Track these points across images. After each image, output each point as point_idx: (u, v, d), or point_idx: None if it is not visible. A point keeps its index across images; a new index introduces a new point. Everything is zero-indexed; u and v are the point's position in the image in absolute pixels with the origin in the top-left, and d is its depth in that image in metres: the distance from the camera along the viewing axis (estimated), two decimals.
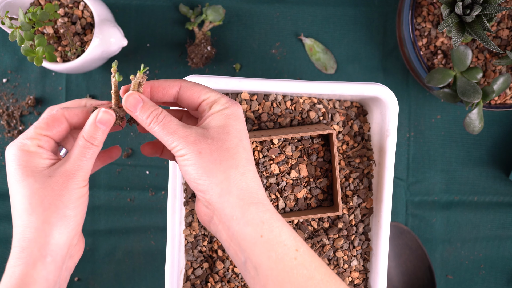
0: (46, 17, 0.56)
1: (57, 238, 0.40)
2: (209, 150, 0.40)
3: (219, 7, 0.67)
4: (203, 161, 0.40)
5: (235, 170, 0.40)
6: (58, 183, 0.40)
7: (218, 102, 0.42)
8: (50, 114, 0.42)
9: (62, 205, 0.40)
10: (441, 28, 0.57)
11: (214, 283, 0.60)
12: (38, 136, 0.41)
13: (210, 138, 0.40)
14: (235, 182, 0.40)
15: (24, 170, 0.40)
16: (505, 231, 0.72)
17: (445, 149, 0.71)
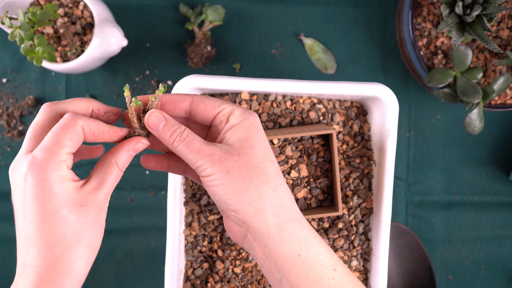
0: (46, 17, 0.56)
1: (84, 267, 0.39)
2: (237, 168, 0.38)
3: (219, 7, 0.67)
4: (232, 180, 0.38)
5: (267, 186, 0.39)
6: (91, 214, 0.38)
7: (234, 113, 0.41)
8: (71, 127, 0.37)
9: (94, 237, 0.39)
10: (441, 28, 0.57)
11: (214, 283, 0.60)
12: (66, 158, 0.37)
13: (236, 155, 0.39)
14: (269, 199, 0.39)
15: (57, 201, 0.37)
16: (505, 231, 0.72)
17: (445, 149, 0.71)
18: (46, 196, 0.36)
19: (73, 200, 0.37)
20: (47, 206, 0.36)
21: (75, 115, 0.38)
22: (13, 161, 0.39)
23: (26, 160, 0.37)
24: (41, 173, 0.36)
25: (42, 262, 0.37)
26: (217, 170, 0.38)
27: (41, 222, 0.37)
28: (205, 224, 0.59)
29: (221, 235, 0.59)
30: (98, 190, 0.39)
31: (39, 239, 0.37)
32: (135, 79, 0.69)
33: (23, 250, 0.38)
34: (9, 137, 0.69)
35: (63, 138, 0.37)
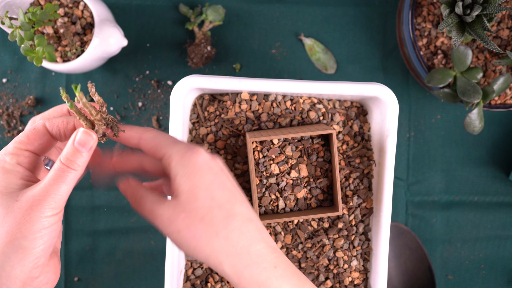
0: (46, 17, 0.56)
1: (7, 271, 0.35)
2: (186, 226, 0.38)
3: (219, 7, 0.67)
4: (185, 240, 0.38)
5: (217, 239, 0.38)
6: (21, 209, 0.35)
7: (172, 160, 0.38)
8: (31, 126, 0.39)
9: (19, 235, 0.35)
10: (441, 28, 0.57)
11: (214, 283, 0.60)
12: (17, 151, 0.38)
13: (182, 212, 0.38)
14: (222, 250, 0.38)
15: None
16: (505, 231, 0.72)
17: (445, 149, 0.71)
18: None
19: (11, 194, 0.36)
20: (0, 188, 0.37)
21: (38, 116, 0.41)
22: None
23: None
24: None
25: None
26: (169, 231, 0.38)
27: None
28: None
29: None
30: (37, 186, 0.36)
31: None
32: (135, 79, 0.69)
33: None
34: (9, 137, 0.69)
35: (20, 135, 0.39)
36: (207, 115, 0.59)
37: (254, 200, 0.56)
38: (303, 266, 0.60)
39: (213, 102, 0.59)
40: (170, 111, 0.57)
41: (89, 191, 0.70)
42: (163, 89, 0.69)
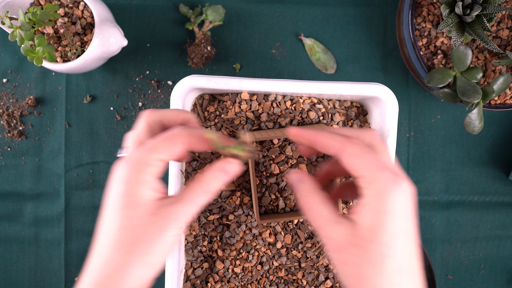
0: (46, 17, 0.56)
1: (134, 281, 0.36)
2: (355, 264, 0.35)
3: (219, 7, 0.67)
4: (347, 274, 0.36)
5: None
6: (158, 225, 0.35)
7: (371, 186, 0.35)
8: (174, 132, 0.37)
9: (153, 250, 0.36)
10: (441, 28, 0.57)
11: (214, 283, 0.60)
12: (155, 163, 0.36)
13: (356, 246, 0.35)
14: None
15: (128, 199, 0.35)
16: (505, 231, 0.72)
17: (445, 149, 0.71)
18: (120, 193, 0.36)
19: (145, 206, 0.36)
20: (117, 202, 0.36)
21: (183, 129, 0.38)
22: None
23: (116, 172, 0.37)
24: (127, 170, 0.36)
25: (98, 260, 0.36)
26: (333, 256, 0.36)
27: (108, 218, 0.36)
28: (205, 224, 0.59)
29: (221, 235, 0.59)
30: (175, 204, 0.36)
31: (103, 234, 0.36)
32: (135, 79, 0.69)
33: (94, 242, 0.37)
34: (9, 137, 0.69)
35: (161, 144, 0.37)
36: (207, 115, 0.59)
37: (254, 200, 0.56)
38: (303, 266, 0.60)
39: (213, 102, 0.59)
40: None
41: (89, 191, 0.70)
42: (163, 89, 0.69)
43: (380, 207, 0.35)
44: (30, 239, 0.70)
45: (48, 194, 0.70)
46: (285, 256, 0.60)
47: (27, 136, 0.70)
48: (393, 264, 0.35)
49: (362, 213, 0.35)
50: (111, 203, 0.36)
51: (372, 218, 0.35)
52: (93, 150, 0.70)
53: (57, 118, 0.69)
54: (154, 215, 0.35)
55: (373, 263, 0.35)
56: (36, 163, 0.70)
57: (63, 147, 0.69)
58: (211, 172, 0.38)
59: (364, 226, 0.35)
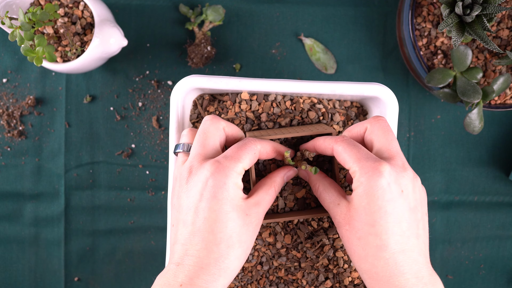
0: (46, 17, 0.56)
1: (235, 266, 0.42)
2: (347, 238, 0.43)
3: (219, 7, 0.67)
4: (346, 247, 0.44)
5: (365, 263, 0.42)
6: (253, 224, 0.43)
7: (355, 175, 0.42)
8: (254, 149, 0.45)
9: (250, 245, 0.43)
10: (441, 28, 0.57)
11: None
12: (241, 171, 0.43)
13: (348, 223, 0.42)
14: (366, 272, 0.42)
15: (231, 202, 0.42)
16: (505, 231, 0.72)
17: (445, 149, 0.71)
18: (224, 197, 0.41)
19: (241, 207, 0.42)
20: (223, 206, 0.41)
21: (256, 140, 0.46)
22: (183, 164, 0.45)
23: (210, 164, 0.42)
24: (224, 177, 0.42)
25: (207, 255, 0.41)
26: (338, 231, 0.45)
27: (214, 220, 0.41)
28: None
29: None
30: (259, 205, 0.44)
31: (209, 234, 0.41)
32: (135, 79, 0.69)
33: (187, 242, 0.41)
34: (9, 137, 0.69)
35: (246, 155, 0.44)
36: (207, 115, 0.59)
37: None
38: (303, 266, 0.60)
39: (213, 102, 0.59)
40: (170, 111, 0.57)
41: (89, 191, 0.70)
42: (163, 89, 0.70)
43: (363, 191, 0.41)
44: (30, 239, 0.70)
45: (48, 194, 0.70)
46: (285, 256, 0.60)
47: (27, 136, 0.70)
48: (374, 241, 0.40)
49: (353, 196, 0.42)
50: (216, 205, 0.41)
51: (358, 200, 0.41)
52: (93, 150, 0.70)
53: (57, 118, 0.69)
54: (248, 215, 0.43)
55: (360, 239, 0.41)
56: (36, 163, 0.70)
57: (63, 147, 0.69)
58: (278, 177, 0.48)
59: (353, 207, 0.42)
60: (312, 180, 0.48)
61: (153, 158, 0.70)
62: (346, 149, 0.43)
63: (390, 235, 0.40)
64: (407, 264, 0.40)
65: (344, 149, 0.43)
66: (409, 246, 0.40)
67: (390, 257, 0.40)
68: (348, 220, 0.42)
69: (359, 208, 0.41)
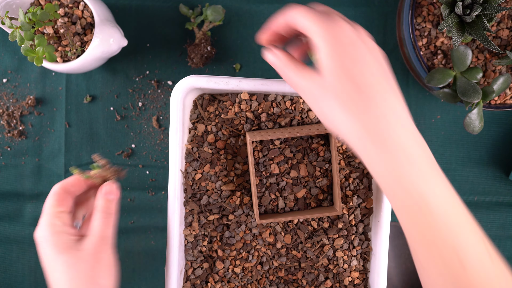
0: (46, 17, 0.56)
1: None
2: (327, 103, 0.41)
3: (219, 7, 0.67)
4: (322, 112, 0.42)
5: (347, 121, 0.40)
6: (90, 255, 0.45)
7: (313, 34, 0.40)
8: (52, 192, 0.49)
9: (96, 275, 0.45)
10: (441, 28, 0.57)
11: (214, 283, 0.60)
12: (59, 215, 0.47)
13: (322, 87, 0.40)
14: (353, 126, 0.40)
15: (57, 249, 0.46)
16: (505, 231, 0.72)
17: (445, 149, 0.71)
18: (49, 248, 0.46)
19: (72, 248, 0.46)
20: (49, 259, 0.46)
21: (56, 186, 0.50)
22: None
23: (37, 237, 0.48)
24: (44, 231, 0.47)
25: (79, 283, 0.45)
26: (309, 102, 0.42)
27: (51, 272, 0.46)
28: (205, 224, 0.59)
29: (221, 235, 0.60)
30: (92, 235, 0.48)
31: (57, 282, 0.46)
32: (135, 79, 0.69)
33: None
34: (9, 137, 0.69)
35: (51, 202, 0.49)
36: (207, 115, 0.59)
37: (254, 200, 0.56)
38: (303, 266, 0.60)
39: (213, 102, 0.59)
40: (170, 111, 0.57)
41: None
42: (163, 89, 0.70)
43: (329, 49, 0.39)
44: (30, 239, 0.70)
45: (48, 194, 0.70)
46: (285, 256, 0.60)
47: (27, 136, 0.70)
48: (359, 96, 0.38)
49: (318, 57, 0.40)
50: (49, 257, 0.46)
51: (326, 59, 0.40)
52: (93, 150, 0.70)
53: (57, 118, 0.69)
54: (81, 250, 0.46)
55: (337, 96, 0.39)
56: (36, 163, 0.70)
57: (63, 147, 0.69)
58: (103, 199, 0.49)
59: (323, 69, 0.40)
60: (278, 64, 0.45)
61: (153, 158, 0.70)
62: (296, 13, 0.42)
63: (373, 86, 0.39)
64: (397, 117, 0.39)
65: (295, 14, 0.42)
66: (392, 99, 0.39)
67: (380, 114, 0.39)
68: (322, 83, 0.40)
69: (332, 67, 0.39)
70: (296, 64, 0.43)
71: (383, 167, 0.39)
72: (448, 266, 0.39)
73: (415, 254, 0.42)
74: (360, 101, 0.39)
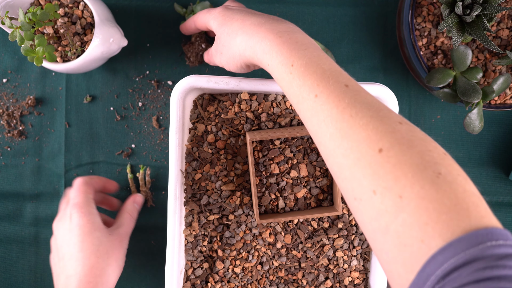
0: (46, 17, 0.56)
1: (112, 277, 0.57)
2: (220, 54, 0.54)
3: (206, 3, 0.67)
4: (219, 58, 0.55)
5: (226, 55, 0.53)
6: (117, 240, 0.58)
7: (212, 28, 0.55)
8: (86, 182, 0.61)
9: (120, 256, 0.58)
10: (441, 28, 0.57)
11: (214, 283, 0.60)
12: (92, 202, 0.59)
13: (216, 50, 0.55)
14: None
15: (93, 226, 0.57)
16: None
17: (445, 149, 0.70)
18: (84, 222, 0.56)
19: (103, 229, 0.58)
20: (85, 229, 0.56)
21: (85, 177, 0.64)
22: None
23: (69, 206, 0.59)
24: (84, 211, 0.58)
25: (82, 268, 0.54)
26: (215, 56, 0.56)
27: (80, 241, 0.56)
28: (205, 224, 0.59)
29: (221, 235, 0.59)
30: (121, 227, 0.61)
31: (79, 252, 0.55)
32: (135, 79, 0.69)
33: (67, 268, 0.55)
34: (9, 137, 0.69)
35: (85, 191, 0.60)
36: (207, 115, 0.59)
37: (254, 200, 0.56)
38: (303, 266, 0.60)
39: (213, 102, 0.59)
40: (170, 111, 0.57)
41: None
42: (163, 89, 0.69)
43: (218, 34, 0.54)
44: (30, 239, 0.70)
45: (48, 194, 0.70)
46: (285, 256, 0.60)
47: (27, 136, 0.70)
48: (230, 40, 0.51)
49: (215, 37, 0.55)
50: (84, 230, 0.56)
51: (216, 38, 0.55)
52: (93, 150, 0.70)
53: (57, 118, 0.69)
54: (111, 235, 0.58)
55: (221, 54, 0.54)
56: (36, 163, 0.70)
57: (63, 147, 0.69)
58: (132, 205, 0.65)
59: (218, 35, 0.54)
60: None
61: (153, 158, 0.70)
62: (199, 16, 0.57)
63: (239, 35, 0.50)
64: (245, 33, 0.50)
65: (198, 17, 0.58)
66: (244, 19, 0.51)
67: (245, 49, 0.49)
68: (216, 47, 0.55)
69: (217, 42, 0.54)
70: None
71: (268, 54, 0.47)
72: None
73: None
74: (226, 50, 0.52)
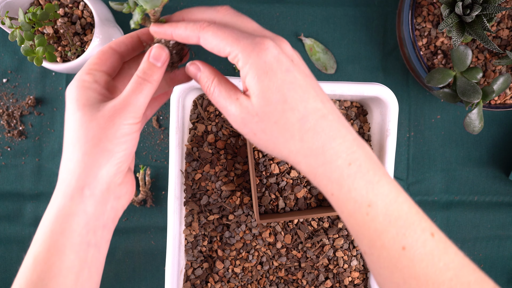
0: (46, 17, 0.56)
1: (95, 171, 0.38)
2: (261, 130, 0.38)
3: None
4: (262, 142, 0.39)
5: (293, 142, 0.37)
6: (104, 116, 0.39)
7: (239, 58, 0.37)
8: (99, 50, 0.42)
9: (105, 138, 0.38)
10: (441, 28, 0.57)
11: (214, 283, 0.60)
12: (92, 71, 0.41)
13: (255, 115, 0.38)
14: (299, 152, 0.38)
15: (77, 103, 0.39)
16: (505, 231, 0.72)
17: (445, 149, 0.71)
18: (70, 101, 0.40)
19: (92, 106, 0.39)
20: (70, 110, 0.39)
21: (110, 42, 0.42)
22: None
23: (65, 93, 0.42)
24: (72, 84, 0.40)
25: (85, 140, 0.38)
26: (244, 132, 0.39)
27: (66, 126, 0.40)
28: (205, 224, 0.59)
29: (221, 235, 0.59)
30: (117, 98, 0.40)
31: (65, 138, 0.40)
32: None
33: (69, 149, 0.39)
34: (9, 137, 0.69)
35: (92, 58, 0.41)
36: (207, 115, 0.59)
37: (254, 200, 0.56)
38: (303, 266, 0.60)
39: None
40: (170, 111, 0.57)
41: None
42: None
43: (256, 73, 0.36)
44: (30, 239, 0.70)
45: (48, 194, 0.70)
46: (285, 256, 0.60)
47: (27, 136, 0.70)
48: (293, 115, 0.37)
49: (247, 85, 0.37)
50: (68, 111, 0.40)
51: (255, 84, 0.37)
52: None
53: (57, 118, 0.69)
54: (99, 111, 0.39)
55: (277, 123, 0.37)
56: (36, 163, 0.70)
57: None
58: (146, 62, 0.40)
59: (254, 95, 0.37)
60: (202, 78, 0.41)
61: (153, 158, 0.70)
62: (217, 34, 0.37)
63: (306, 104, 0.37)
64: (331, 128, 0.38)
65: (215, 34, 0.38)
66: (327, 110, 0.38)
67: (315, 125, 0.37)
68: (255, 111, 0.37)
69: (262, 90, 0.37)
70: (226, 85, 0.40)
71: (326, 178, 0.38)
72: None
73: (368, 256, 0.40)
74: (296, 123, 0.37)
